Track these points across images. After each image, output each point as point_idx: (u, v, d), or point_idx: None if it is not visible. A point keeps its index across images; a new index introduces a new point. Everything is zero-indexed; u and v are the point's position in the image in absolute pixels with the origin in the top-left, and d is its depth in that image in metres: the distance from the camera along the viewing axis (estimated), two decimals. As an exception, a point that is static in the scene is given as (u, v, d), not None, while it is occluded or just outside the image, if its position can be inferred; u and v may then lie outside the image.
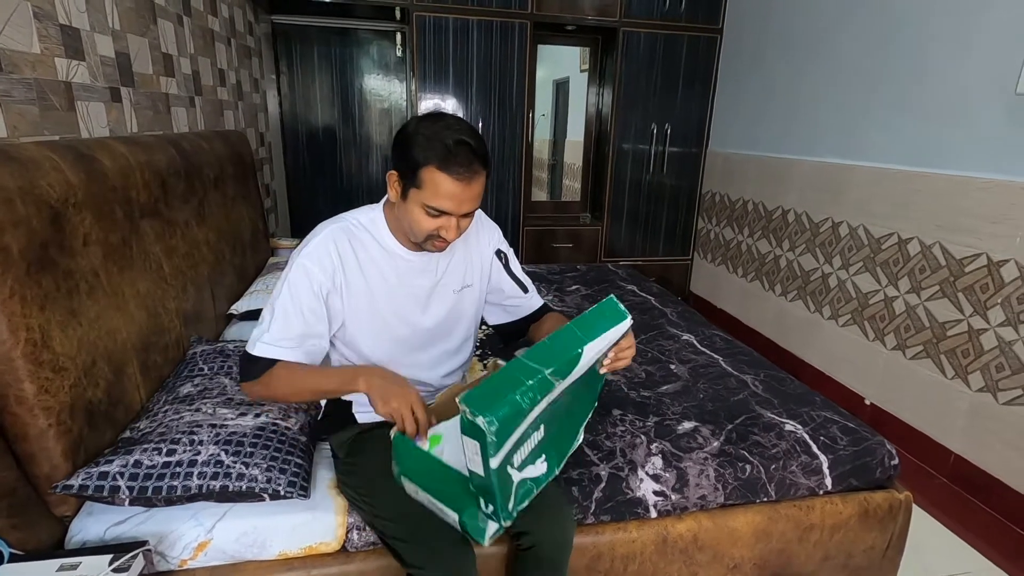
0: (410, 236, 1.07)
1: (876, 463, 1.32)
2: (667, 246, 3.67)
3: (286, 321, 1.02)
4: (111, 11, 1.44)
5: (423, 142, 0.96)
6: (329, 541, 1.06)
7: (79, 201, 1.03)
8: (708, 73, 3.37)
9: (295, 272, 1.03)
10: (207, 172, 1.77)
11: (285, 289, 1.03)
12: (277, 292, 1.04)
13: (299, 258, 1.04)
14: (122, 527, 0.97)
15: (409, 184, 0.99)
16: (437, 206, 0.98)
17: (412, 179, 0.98)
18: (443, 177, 0.95)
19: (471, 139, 0.97)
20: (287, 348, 1.02)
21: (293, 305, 1.02)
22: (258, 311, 1.84)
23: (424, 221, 1.00)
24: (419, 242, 1.06)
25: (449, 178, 0.95)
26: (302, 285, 1.03)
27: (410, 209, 1.01)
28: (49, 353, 0.91)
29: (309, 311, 1.03)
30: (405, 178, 1.00)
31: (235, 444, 1.05)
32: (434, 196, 0.97)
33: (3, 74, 1.04)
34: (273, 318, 1.02)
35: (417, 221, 1.01)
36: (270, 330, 1.02)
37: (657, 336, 1.91)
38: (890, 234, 2.21)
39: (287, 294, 1.03)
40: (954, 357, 1.97)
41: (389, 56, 3.38)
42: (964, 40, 1.93)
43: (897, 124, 2.20)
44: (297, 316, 1.03)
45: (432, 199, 0.97)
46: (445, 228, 1.01)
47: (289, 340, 1.02)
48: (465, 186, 0.97)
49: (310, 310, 1.03)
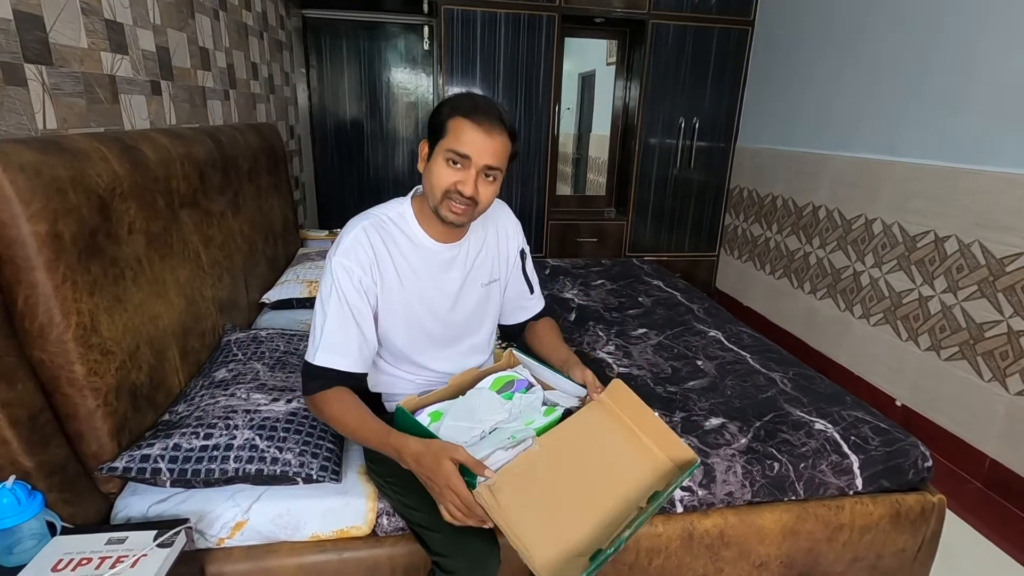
0: (431, 202, 1.06)
1: (909, 465, 1.30)
2: (693, 242, 3.63)
3: (338, 324, 1.03)
4: (152, 6, 1.48)
5: (453, 100, 1.05)
6: (360, 525, 1.09)
7: (124, 191, 1.07)
8: (738, 67, 3.31)
9: (337, 273, 1.04)
10: (242, 164, 1.81)
11: (332, 294, 1.03)
12: (324, 297, 1.05)
13: (336, 257, 1.05)
14: (163, 505, 1.01)
15: (436, 139, 1.04)
16: (458, 149, 1.00)
17: (439, 133, 1.03)
18: (466, 123, 1.00)
19: (496, 103, 1.05)
20: (343, 356, 1.03)
21: (341, 308, 1.03)
22: (288, 301, 1.88)
23: (445, 173, 1.02)
24: (437, 205, 1.04)
25: (472, 124, 1.00)
26: (346, 285, 1.03)
27: (435, 164, 1.04)
28: (97, 337, 0.94)
29: (357, 311, 1.04)
30: (433, 139, 1.05)
31: (269, 429, 1.08)
32: (456, 140, 1.01)
33: (54, 68, 1.08)
34: (326, 324, 1.03)
35: (438, 175, 1.03)
36: (324, 335, 1.03)
37: (683, 332, 1.90)
38: (926, 232, 2.16)
39: (335, 297, 1.03)
40: (992, 359, 1.91)
41: (416, 50, 3.40)
42: (1014, 32, 1.86)
43: (938, 119, 2.13)
44: (348, 318, 1.03)
45: (454, 143, 1.01)
46: (463, 182, 1.01)
47: (345, 346, 1.03)
48: (487, 135, 1.00)
49: (358, 310, 1.04)
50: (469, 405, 1.05)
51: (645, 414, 1.05)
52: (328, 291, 1.04)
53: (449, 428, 0.99)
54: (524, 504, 0.86)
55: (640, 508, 0.93)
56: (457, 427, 1.00)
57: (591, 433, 1.03)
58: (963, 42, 2.03)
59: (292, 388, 1.24)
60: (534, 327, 1.33)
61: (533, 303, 1.34)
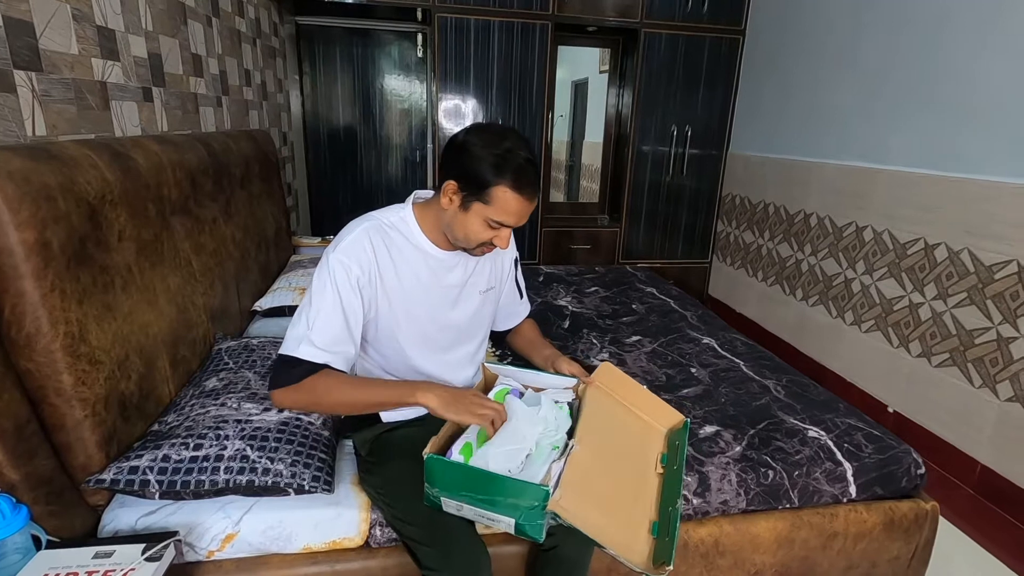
0: (459, 243, 1.08)
1: (902, 472, 1.30)
2: (686, 248, 3.65)
3: (328, 320, 1.01)
4: (144, 12, 1.48)
5: (494, 160, 0.99)
6: (352, 536, 1.07)
7: (115, 198, 1.06)
8: (730, 75, 3.34)
9: (334, 269, 1.02)
10: (234, 171, 1.80)
11: (328, 287, 1.01)
12: (318, 290, 1.02)
13: (335, 254, 1.03)
14: (153, 517, 1.00)
15: (474, 198, 1.01)
16: (503, 220, 1.02)
17: (479, 194, 1.01)
18: (514, 197, 1.00)
19: (535, 158, 1.04)
20: (331, 352, 1.00)
21: (334, 305, 1.01)
22: (280, 308, 1.86)
23: (483, 232, 1.04)
24: (468, 248, 1.09)
25: (520, 198, 1.01)
26: (342, 281, 1.02)
27: (470, 220, 1.03)
28: (86, 346, 0.93)
29: (350, 310, 1.02)
30: (468, 191, 1.01)
31: (260, 439, 1.07)
32: (502, 212, 1.01)
33: (43, 74, 1.07)
34: (315, 317, 1.00)
35: (476, 232, 1.04)
36: (312, 329, 0.99)
37: (677, 340, 1.90)
38: (916, 239, 2.18)
39: (330, 291, 1.01)
40: (982, 366, 1.93)
41: (410, 56, 3.41)
42: (994, 44, 1.89)
43: (926, 128, 2.16)
44: (338, 315, 1.01)
45: (499, 215, 1.01)
46: (500, 238, 1.06)
47: (333, 342, 1.01)
48: (529, 203, 1.03)
49: (351, 307, 1.02)
50: (511, 426, 0.99)
51: (635, 389, 1.18)
52: (322, 285, 1.02)
53: (502, 455, 0.94)
54: (594, 506, 0.92)
55: (659, 474, 1.06)
56: (509, 452, 0.95)
57: (603, 418, 1.10)
58: (953, 52, 2.06)
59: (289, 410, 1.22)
60: (519, 329, 1.39)
61: (523, 308, 1.39)
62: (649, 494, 1.03)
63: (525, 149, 1.02)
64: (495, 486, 0.89)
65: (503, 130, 1.04)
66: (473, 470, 0.90)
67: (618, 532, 0.93)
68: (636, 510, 0.99)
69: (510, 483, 0.88)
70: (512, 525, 0.91)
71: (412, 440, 1.12)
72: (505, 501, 0.89)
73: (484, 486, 0.89)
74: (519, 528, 0.91)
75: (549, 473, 0.92)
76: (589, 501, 0.92)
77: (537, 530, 0.90)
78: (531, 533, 0.91)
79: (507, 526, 0.92)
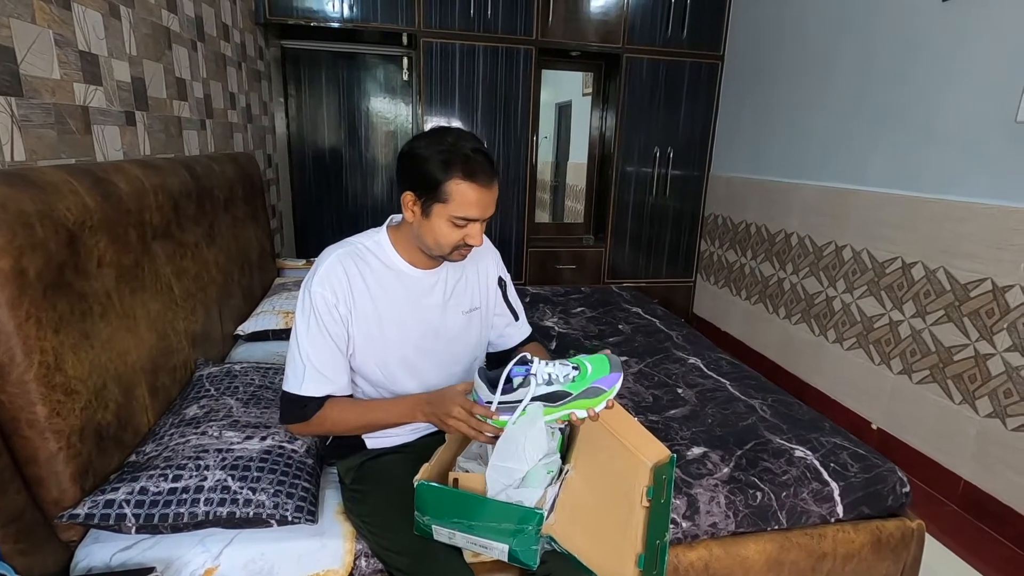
0: (434, 251, 1.08)
1: (888, 490, 1.31)
2: (670, 268, 3.69)
3: (320, 353, 1.05)
4: (128, 37, 1.47)
5: (441, 157, 1.00)
6: (336, 568, 1.04)
7: (95, 224, 1.04)
8: (710, 98, 3.42)
9: (315, 301, 1.04)
10: (217, 194, 1.78)
11: (312, 321, 1.04)
12: (302, 324, 1.05)
13: (312, 286, 1.05)
14: (129, 552, 0.96)
15: (431, 201, 1.02)
16: (466, 215, 1.02)
17: (435, 195, 1.01)
18: (469, 186, 1.00)
19: (483, 147, 1.04)
20: (332, 382, 1.06)
21: (321, 335, 1.05)
22: (264, 332, 1.84)
23: (451, 233, 1.04)
24: (445, 255, 1.09)
25: (475, 186, 1.01)
26: (322, 311, 1.04)
27: (435, 225, 1.03)
28: (61, 376, 0.91)
29: (338, 338, 1.06)
30: (425, 196, 1.03)
31: (242, 469, 1.05)
32: (462, 206, 1.01)
33: (24, 99, 1.06)
34: (308, 351, 1.04)
35: (444, 235, 1.04)
36: (307, 365, 1.04)
37: (663, 360, 1.91)
38: (894, 258, 2.22)
39: (314, 325, 1.04)
40: (961, 382, 1.96)
41: (396, 80, 3.44)
42: (966, 70, 1.96)
43: (900, 151, 2.22)
44: (328, 346, 1.05)
45: (460, 209, 1.01)
46: (470, 235, 1.05)
47: (331, 372, 1.06)
48: (488, 191, 1.03)
49: (337, 336, 1.06)
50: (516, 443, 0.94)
51: (625, 419, 1.17)
52: (306, 321, 1.05)
53: (495, 470, 0.91)
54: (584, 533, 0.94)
55: (644, 507, 1.07)
56: (504, 468, 0.92)
57: (594, 446, 1.10)
58: (922, 79, 2.13)
59: (267, 424, 1.20)
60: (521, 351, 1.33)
61: (519, 330, 1.36)
62: (636, 526, 1.03)
63: (469, 139, 1.03)
64: (488, 511, 0.88)
65: (444, 128, 1.06)
66: (465, 495, 0.89)
67: (606, 561, 0.92)
68: (624, 541, 0.99)
69: (503, 507, 0.87)
70: (505, 551, 0.90)
71: (398, 467, 1.11)
72: (499, 526, 0.88)
73: (477, 511, 0.88)
74: (512, 554, 0.90)
75: (544, 497, 0.91)
76: (579, 528, 0.91)
77: (531, 556, 0.89)
78: (525, 559, 0.90)
79: (500, 552, 0.91)
